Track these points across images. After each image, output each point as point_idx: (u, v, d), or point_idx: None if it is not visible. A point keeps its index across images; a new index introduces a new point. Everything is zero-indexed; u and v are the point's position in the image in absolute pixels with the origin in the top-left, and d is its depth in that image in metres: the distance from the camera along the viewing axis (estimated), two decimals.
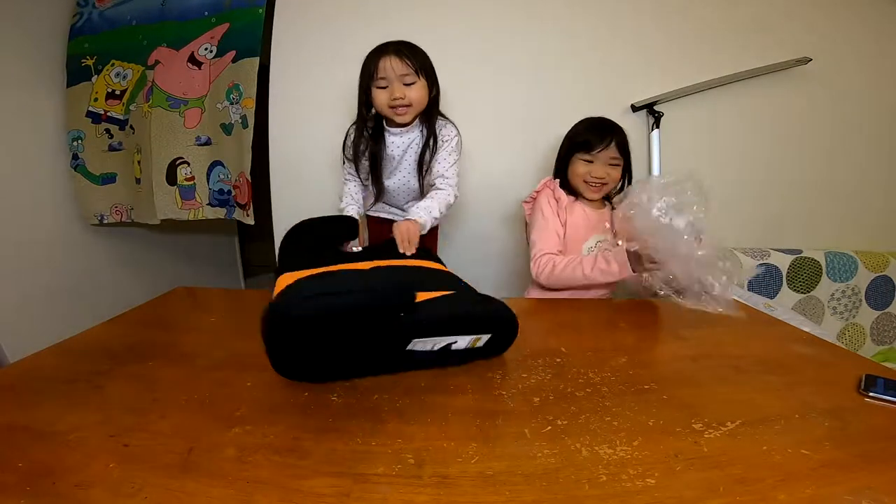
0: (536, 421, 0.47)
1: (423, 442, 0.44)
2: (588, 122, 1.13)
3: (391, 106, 1.03)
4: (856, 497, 0.36)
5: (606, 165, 1.07)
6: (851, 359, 0.65)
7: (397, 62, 1.00)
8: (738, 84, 1.44)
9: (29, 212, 1.50)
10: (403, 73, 1.01)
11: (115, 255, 1.79)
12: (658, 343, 0.73)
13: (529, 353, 0.64)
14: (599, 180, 1.07)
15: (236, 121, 1.37)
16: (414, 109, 1.05)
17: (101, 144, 1.57)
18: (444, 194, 1.05)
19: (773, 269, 1.44)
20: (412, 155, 1.10)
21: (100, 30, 1.54)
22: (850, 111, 1.54)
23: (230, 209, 1.47)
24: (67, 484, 0.37)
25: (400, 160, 1.11)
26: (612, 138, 1.06)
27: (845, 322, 1.50)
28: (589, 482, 0.38)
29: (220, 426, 0.46)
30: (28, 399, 0.51)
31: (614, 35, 1.44)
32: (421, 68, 1.03)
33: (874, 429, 0.47)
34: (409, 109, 1.04)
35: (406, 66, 1.00)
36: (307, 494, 0.36)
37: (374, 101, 1.04)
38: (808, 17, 1.46)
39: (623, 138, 1.08)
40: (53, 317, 1.51)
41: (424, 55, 1.05)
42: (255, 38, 1.36)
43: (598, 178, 1.07)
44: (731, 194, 1.54)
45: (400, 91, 1.01)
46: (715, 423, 0.47)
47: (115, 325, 0.76)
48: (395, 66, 1.00)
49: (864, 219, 1.62)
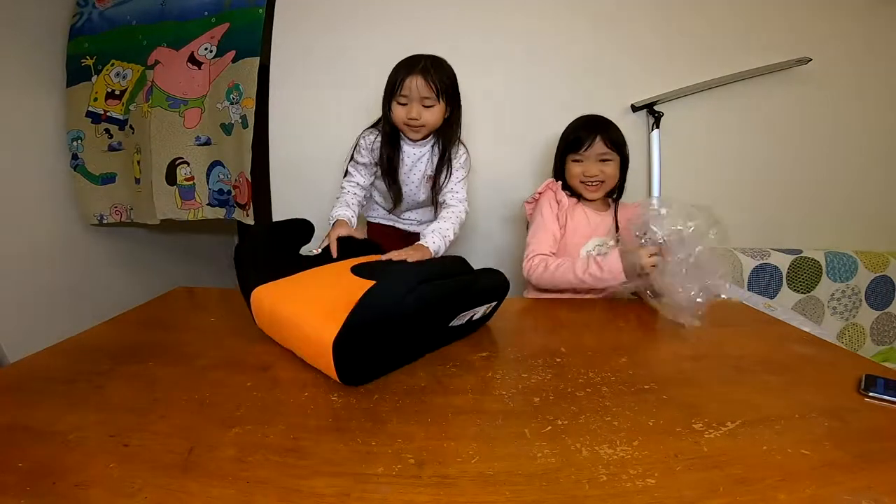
0: (536, 421, 0.47)
1: (423, 442, 0.44)
2: (577, 120, 1.12)
3: (406, 123, 1.05)
4: (856, 497, 0.36)
5: (598, 162, 1.06)
6: (851, 359, 0.64)
7: (422, 83, 1.01)
8: (738, 84, 1.44)
9: (29, 212, 1.50)
10: (425, 95, 1.01)
11: (115, 255, 1.79)
12: (658, 343, 0.73)
13: (529, 353, 0.64)
14: (594, 178, 1.06)
15: (236, 121, 1.37)
16: (427, 130, 1.07)
17: (101, 144, 1.57)
18: (457, 211, 1.07)
19: (773, 269, 1.44)
20: (421, 168, 1.11)
21: (100, 30, 1.54)
22: (849, 111, 1.54)
23: (230, 209, 1.47)
24: (67, 484, 0.37)
25: (409, 170, 1.11)
26: (597, 134, 1.05)
27: (845, 322, 1.50)
28: (589, 482, 0.38)
29: (220, 426, 0.46)
30: (28, 399, 0.51)
31: (614, 35, 1.44)
32: (443, 92, 1.03)
33: (874, 429, 0.47)
34: (422, 129, 1.06)
35: (429, 89, 1.01)
36: (307, 494, 0.36)
37: (393, 114, 1.05)
38: (808, 17, 1.47)
39: (613, 133, 1.06)
40: (53, 317, 1.51)
41: (451, 75, 1.06)
42: (255, 38, 1.36)
43: (591, 177, 1.06)
44: (730, 194, 1.54)
45: (417, 112, 1.02)
46: (715, 423, 0.47)
47: (115, 325, 0.76)
48: (420, 87, 1.01)
49: (864, 219, 1.62)
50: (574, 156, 1.08)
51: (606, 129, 1.07)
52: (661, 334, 0.78)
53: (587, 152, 1.06)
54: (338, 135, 1.45)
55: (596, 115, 1.12)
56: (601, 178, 1.07)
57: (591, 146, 1.05)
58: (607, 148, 1.06)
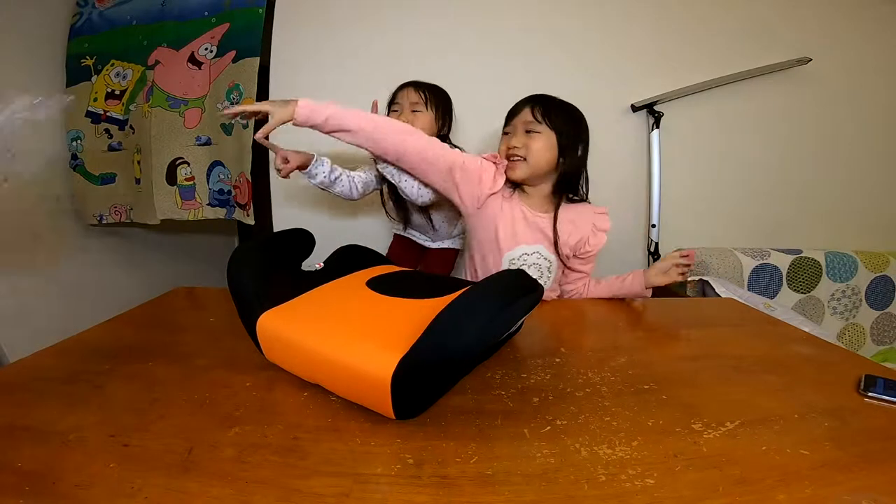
0: (536, 421, 0.47)
1: (422, 442, 0.44)
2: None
3: None
4: (856, 497, 0.36)
5: (522, 134, 0.90)
6: (851, 359, 0.64)
7: (412, 92, 1.09)
8: (738, 84, 1.44)
9: (29, 212, 1.50)
10: (414, 100, 1.08)
11: (115, 255, 1.79)
12: (658, 343, 0.73)
13: (529, 353, 0.64)
14: (514, 150, 0.90)
15: (236, 121, 1.37)
16: None
17: (101, 144, 1.57)
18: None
19: (773, 269, 1.44)
20: None
21: (100, 30, 1.54)
22: (849, 111, 1.54)
23: (230, 209, 1.47)
24: (67, 484, 0.37)
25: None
26: (528, 104, 0.90)
27: (845, 322, 1.50)
28: (588, 482, 0.38)
29: (220, 426, 0.46)
30: (28, 399, 0.51)
31: (614, 35, 1.44)
32: (432, 102, 1.09)
33: (874, 429, 0.47)
34: None
35: (418, 96, 1.08)
36: (307, 494, 0.36)
37: None
38: (807, 18, 1.47)
39: (549, 106, 0.89)
40: (53, 317, 1.51)
41: (443, 94, 1.13)
42: (255, 38, 1.36)
43: (514, 148, 0.89)
44: (731, 194, 1.54)
45: (406, 117, 1.07)
46: (714, 423, 0.47)
47: (115, 325, 0.76)
48: (409, 95, 1.08)
49: (864, 219, 1.62)
50: (505, 128, 0.94)
51: (542, 101, 0.90)
52: (660, 334, 0.78)
53: (514, 121, 0.92)
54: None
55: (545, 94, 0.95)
56: (522, 154, 0.89)
57: (517, 115, 0.91)
58: (534, 118, 0.88)
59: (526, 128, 0.90)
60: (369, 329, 0.51)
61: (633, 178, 1.50)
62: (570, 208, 0.96)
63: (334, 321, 0.54)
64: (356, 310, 0.57)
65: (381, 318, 0.53)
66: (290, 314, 0.56)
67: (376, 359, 0.45)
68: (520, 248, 0.94)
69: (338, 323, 0.54)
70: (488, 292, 0.48)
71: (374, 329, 0.51)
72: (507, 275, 0.53)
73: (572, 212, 0.95)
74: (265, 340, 0.56)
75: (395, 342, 0.46)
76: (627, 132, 1.46)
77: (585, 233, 0.95)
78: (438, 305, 0.47)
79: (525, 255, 0.94)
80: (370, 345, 0.48)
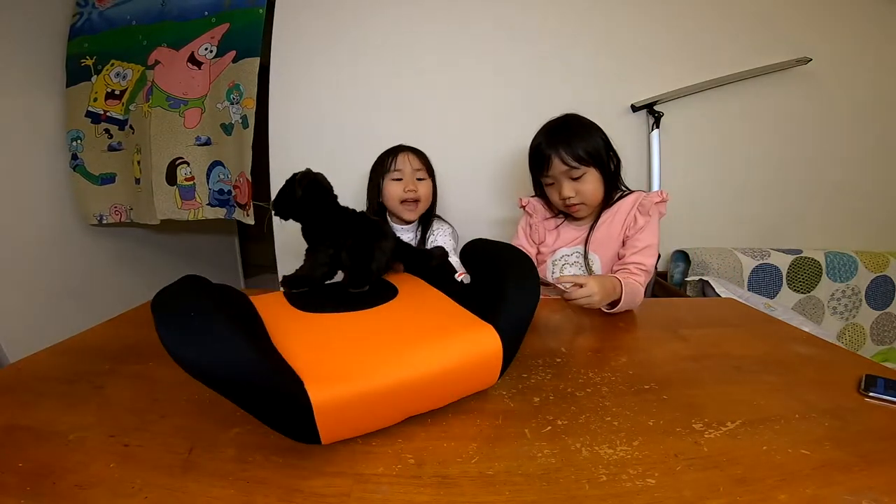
0: (536, 421, 0.47)
1: (423, 442, 0.44)
2: (537, 134, 0.98)
3: (403, 200, 1.09)
4: (856, 497, 0.36)
5: (570, 181, 0.92)
6: (851, 359, 0.64)
7: (414, 158, 1.11)
8: (738, 84, 1.44)
9: (29, 212, 1.50)
10: (417, 167, 1.11)
11: (115, 255, 1.79)
12: (658, 343, 0.73)
13: (529, 353, 0.64)
14: (569, 200, 0.93)
15: (236, 121, 1.37)
16: (421, 207, 1.12)
17: (101, 144, 1.57)
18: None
19: (773, 269, 1.44)
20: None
21: (100, 30, 1.54)
22: (850, 111, 1.54)
23: (230, 209, 1.47)
24: (67, 484, 0.37)
25: None
26: (551, 154, 0.91)
27: (845, 322, 1.50)
28: (589, 482, 0.38)
29: (220, 426, 0.46)
30: (28, 399, 0.51)
31: (614, 35, 1.44)
32: (429, 169, 1.13)
33: (874, 429, 0.47)
34: (417, 206, 1.11)
35: (420, 163, 1.11)
36: (307, 494, 0.36)
37: (386, 194, 1.10)
38: (808, 17, 1.46)
39: (576, 145, 0.90)
40: (53, 317, 1.51)
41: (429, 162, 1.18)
42: (255, 38, 1.36)
43: (569, 198, 0.93)
44: (731, 194, 1.54)
45: (413, 185, 1.09)
46: (715, 423, 0.47)
47: (115, 325, 0.76)
48: (412, 161, 1.10)
49: (864, 219, 1.62)
50: (543, 178, 0.97)
51: (568, 143, 0.90)
52: (661, 334, 0.78)
53: (551, 173, 0.94)
54: (338, 134, 1.46)
55: (558, 123, 0.96)
56: (578, 201, 0.94)
57: (550, 167, 0.92)
58: (573, 165, 0.90)
59: (568, 175, 0.92)
60: (400, 337, 0.46)
61: (633, 179, 1.49)
62: (612, 207, 0.99)
63: (367, 349, 0.44)
64: (350, 333, 0.48)
65: (383, 330, 0.48)
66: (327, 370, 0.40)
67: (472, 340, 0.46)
68: (560, 251, 1.02)
69: (376, 348, 0.44)
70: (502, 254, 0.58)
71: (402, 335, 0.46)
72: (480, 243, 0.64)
73: (612, 209, 0.98)
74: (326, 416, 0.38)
75: (433, 336, 0.46)
76: (627, 132, 1.46)
77: (626, 223, 0.96)
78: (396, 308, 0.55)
79: (566, 256, 1.02)
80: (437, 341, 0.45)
